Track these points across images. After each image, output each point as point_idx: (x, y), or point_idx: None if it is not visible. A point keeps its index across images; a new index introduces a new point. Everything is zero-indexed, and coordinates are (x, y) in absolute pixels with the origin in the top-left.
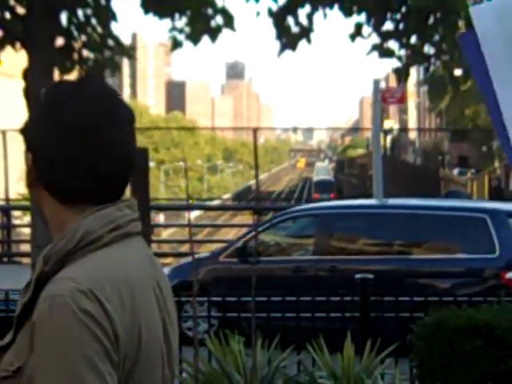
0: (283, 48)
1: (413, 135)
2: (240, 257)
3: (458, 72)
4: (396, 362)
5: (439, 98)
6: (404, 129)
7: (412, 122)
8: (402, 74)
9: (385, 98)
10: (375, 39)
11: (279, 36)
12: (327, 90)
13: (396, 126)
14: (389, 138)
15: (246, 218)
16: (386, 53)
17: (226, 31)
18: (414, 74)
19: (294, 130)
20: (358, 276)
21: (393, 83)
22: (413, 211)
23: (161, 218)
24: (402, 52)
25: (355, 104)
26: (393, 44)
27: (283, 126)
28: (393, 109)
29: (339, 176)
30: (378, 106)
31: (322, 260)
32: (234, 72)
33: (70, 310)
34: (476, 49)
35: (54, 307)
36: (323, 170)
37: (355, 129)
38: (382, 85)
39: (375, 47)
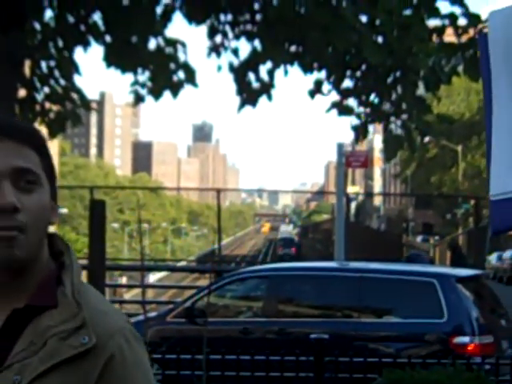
0: (243, 103)
1: (377, 201)
2: (188, 317)
3: (418, 135)
4: None
5: (394, 155)
6: (369, 193)
7: (377, 188)
8: (360, 132)
9: (349, 162)
10: (335, 96)
11: (240, 91)
12: (295, 153)
13: (362, 191)
14: (354, 204)
15: (209, 280)
16: (345, 110)
17: (188, 88)
18: (380, 139)
19: (259, 192)
20: (313, 336)
21: (360, 148)
22: (364, 274)
23: (124, 279)
24: (361, 110)
25: (321, 168)
26: (352, 101)
27: (247, 188)
28: (359, 174)
29: (303, 240)
30: (341, 170)
31: (269, 322)
32: (201, 133)
33: (140, 338)
34: (486, 53)
35: (130, 338)
36: (287, 233)
37: (319, 193)
38: (349, 148)
39: (335, 105)
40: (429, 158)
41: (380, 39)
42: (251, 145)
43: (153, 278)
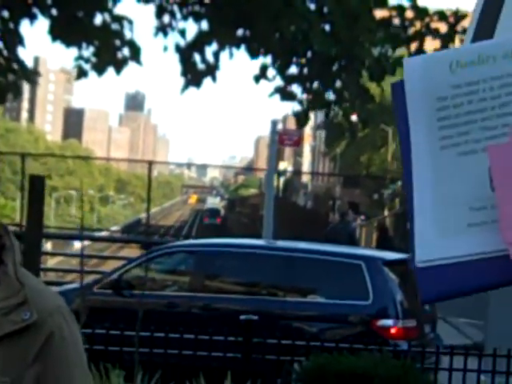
0: (187, 84)
1: (305, 178)
2: (114, 289)
3: (354, 118)
4: None
5: (336, 143)
6: (298, 172)
7: (306, 164)
8: (301, 118)
9: (282, 140)
10: (279, 82)
11: (184, 72)
12: (225, 127)
13: (290, 168)
14: (282, 179)
15: (134, 251)
16: (288, 96)
17: (131, 63)
18: (312, 117)
19: (189, 166)
20: (242, 317)
21: (291, 125)
22: (291, 254)
23: (48, 246)
24: (304, 96)
25: (251, 143)
26: (295, 88)
27: (178, 161)
28: (288, 151)
29: (229, 214)
30: (274, 147)
31: (196, 297)
32: (134, 103)
33: (74, 317)
34: (403, 102)
35: (68, 317)
36: (214, 205)
37: (249, 169)
38: (280, 126)
39: (278, 90)
40: (360, 137)
41: (327, 27)
42: (183, 116)
43: (76, 245)
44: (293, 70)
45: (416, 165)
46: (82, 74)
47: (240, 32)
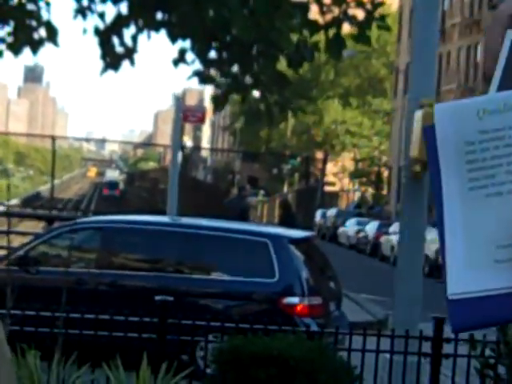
0: (106, 67)
1: (205, 153)
2: (20, 265)
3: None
4: None
5: (252, 126)
6: (197, 147)
7: (206, 138)
8: (219, 101)
9: (186, 116)
10: (197, 65)
11: (103, 55)
12: (124, 100)
13: (189, 143)
14: (181, 154)
15: (33, 224)
16: (206, 79)
17: (48, 44)
18: (210, 90)
19: (88, 140)
20: (158, 298)
21: (190, 99)
22: (197, 231)
23: None
24: (222, 80)
25: (150, 117)
26: (213, 71)
27: (78, 135)
28: (188, 125)
29: (129, 187)
30: (178, 124)
31: (102, 274)
32: (33, 75)
33: None
34: (434, 145)
35: None
36: (113, 178)
37: (149, 144)
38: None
39: (196, 73)
40: (258, 112)
41: (247, 12)
42: (82, 89)
43: None
44: (212, 54)
45: (447, 203)
46: None
47: (159, 16)
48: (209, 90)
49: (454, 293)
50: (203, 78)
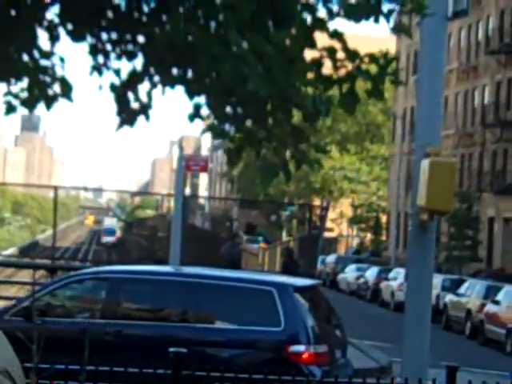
0: (122, 123)
1: (202, 199)
2: (26, 316)
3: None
4: None
5: (269, 183)
6: (194, 195)
7: (203, 185)
8: (232, 156)
9: (189, 166)
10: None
11: (119, 112)
12: (120, 148)
13: (187, 189)
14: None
15: (30, 273)
16: (220, 134)
17: (61, 100)
18: (209, 139)
19: (86, 189)
20: (171, 349)
21: (187, 147)
22: (202, 280)
23: None
24: (236, 134)
25: (147, 165)
26: (227, 125)
27: (77, 184)
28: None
29: (127, 235)
30: (181, 173)
31: (107, 324)
32: (29, 124)
33: None
34: None
35: None
36: (111, 225)
37: (147, 193)
38: (176, 147)
39: (211, 128)
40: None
41: (262, 67)
42: (78, 137)
43: None
44: (227, 109)
45: None
46: (10, 109)
47: (175, 71)
48: (206, 138)
49: None
50: (217, 132)
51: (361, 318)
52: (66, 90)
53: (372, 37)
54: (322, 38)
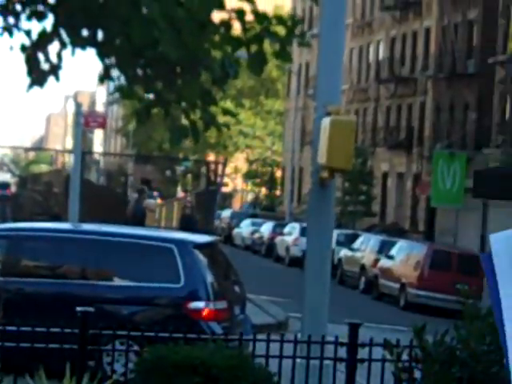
0: (32, 84)
1: (97, 154)
2: None
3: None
4: None
5: (179, 142)
6: (89, 152)
7: (98, 141)
8: (142, 116)
9: (87, 122)
10: (122, 81)
11: (30, 72)
12: (14, 104)
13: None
14: (73, 156)
15: None
16: (130, 95)
17: None
18: (104, 94)
19: None
20: (79, 309)
21: (82, 102)
22: (102, 238)
23: None
24: (145, 95)
25: (42, 120)
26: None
27: None
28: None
29: (22, 190)
30: (79, 130)
31: (8, 282)
32: None
33: None
34: (492, 270)
35: None
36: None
37: (43, 148)
38: (70, 102)
39: (119, 88)
40: (153, 114)
41: (172, 31)
42: None
43: None
44: (137, 70)
45: (506, 311)
46: None
47: (85, 33)
48: (101, 93)
49: None
50: (125, 93)
51: (256, 273)
52: None
53: None
54: (231, 0)
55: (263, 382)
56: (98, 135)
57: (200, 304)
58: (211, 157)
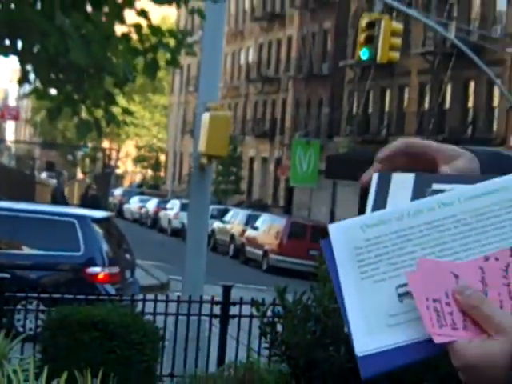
0: None
1: (9, 142)
2: None
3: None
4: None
5: (84, 136)
6: (2, 140)
7: (10, 129)
8: (53, 113)
9: (3, 115)
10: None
11: None
12: None
13: None
14: None
15: None
16: (44, 96)
17: None
18: (16, 89)
19: None
20: None
21: None
22: (13, 213)
23: None
24: (57, 96)
25: None
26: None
27: None
28: None
29: None
30: None
31: None
32: None
33: None
34: (331, 254)
35: None
36: None
37: None
38: None
39: (35, 90)
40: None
41: (82, 41)
42: None
43: None
44: (51, 75)
45: (346, 292)
46: None
47: (7, 42)
48: (13, 88)
49: (359, 351)
50: (41, 94)
51: (143, 242)
52: None
53: None
54: (130, 16)
55: (151, 335)
56: (10, 125)
57: (97, 269)
58: (106, 143)
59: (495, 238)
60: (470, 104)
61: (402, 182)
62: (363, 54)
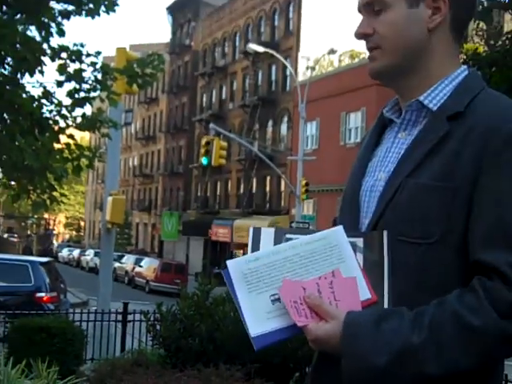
0: None
1: None
2: None
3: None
4: None
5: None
6: None
7: None
8: (15, 199)
9: None
10: None
11: None
12: None
13: None
14: None
15: None
16: (7, 186)
17: None
18: None
19: None
20: None
21: None
22: None
23: None
24: None
25: None
26: None
27: None
28: None
29: None
30: None
31: None
32: None
33: None
34: (230, 280)
35: None
36: None
37: None
38: None
39: (2, 183)
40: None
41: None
42: None
43: None
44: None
45: (240, 301)
46: None
47: None
48: None
49: (252, 334)
50: (6, 185)
51: (71, 276)
52: None
53: None
54: (63, 138)
55: (78, 334)
56: None
57: (42, 294)
58: (46, 215)
59: (322, 266)
60: (268, 189)
61: (268, 233)
62: (204, 160)
